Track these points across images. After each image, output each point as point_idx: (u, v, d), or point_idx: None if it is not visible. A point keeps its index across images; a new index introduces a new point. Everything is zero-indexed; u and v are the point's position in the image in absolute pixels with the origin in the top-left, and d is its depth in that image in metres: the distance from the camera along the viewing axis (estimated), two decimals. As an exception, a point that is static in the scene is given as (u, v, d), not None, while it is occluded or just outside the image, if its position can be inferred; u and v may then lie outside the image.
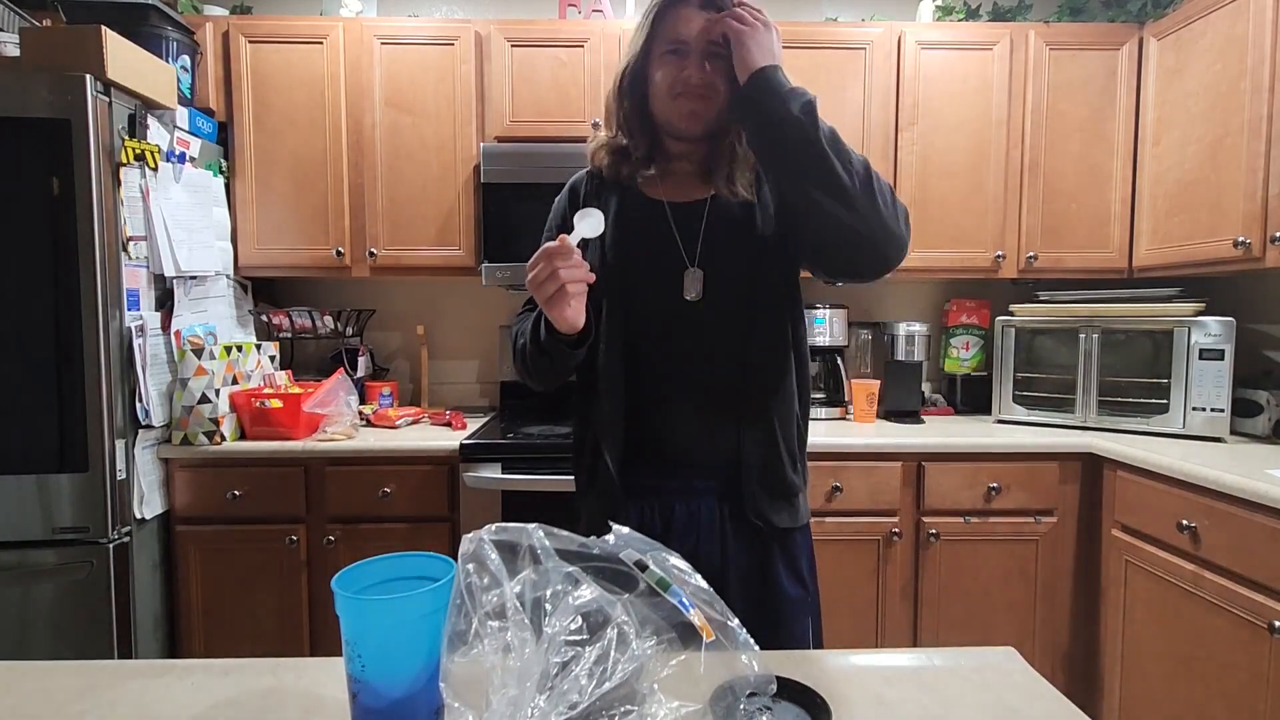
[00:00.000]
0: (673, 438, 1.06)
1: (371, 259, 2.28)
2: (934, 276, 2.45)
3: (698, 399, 1.06)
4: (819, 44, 2.27)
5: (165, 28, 2.03)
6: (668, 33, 1.02)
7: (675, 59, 1.02)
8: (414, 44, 2.25)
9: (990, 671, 0.77)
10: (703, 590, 0.64)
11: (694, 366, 1.06)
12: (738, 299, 1.06)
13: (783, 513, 1.06)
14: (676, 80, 1.02)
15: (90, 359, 1.72)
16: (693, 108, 1.02)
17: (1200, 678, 1.64)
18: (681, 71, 1.01)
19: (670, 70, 1.03)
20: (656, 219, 1.09)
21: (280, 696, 0.71)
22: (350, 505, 2.00)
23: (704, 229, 1.07)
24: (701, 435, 1.06)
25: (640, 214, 1.09)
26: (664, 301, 1.06)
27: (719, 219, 1.08)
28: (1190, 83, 2.08)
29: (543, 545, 0.59)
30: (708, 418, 1.06)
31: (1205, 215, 2.02)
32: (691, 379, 1.06)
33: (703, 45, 1.00)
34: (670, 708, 0.59)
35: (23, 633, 1.74)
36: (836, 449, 2.02)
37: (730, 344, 1.05)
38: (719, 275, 1.06)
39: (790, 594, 1.07)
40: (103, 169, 1.72)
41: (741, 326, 1.05)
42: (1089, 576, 2.05)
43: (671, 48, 1.02)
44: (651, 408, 1.06)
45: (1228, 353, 1.96)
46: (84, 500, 1.74)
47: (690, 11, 1.00)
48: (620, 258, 1.07)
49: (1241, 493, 1.53)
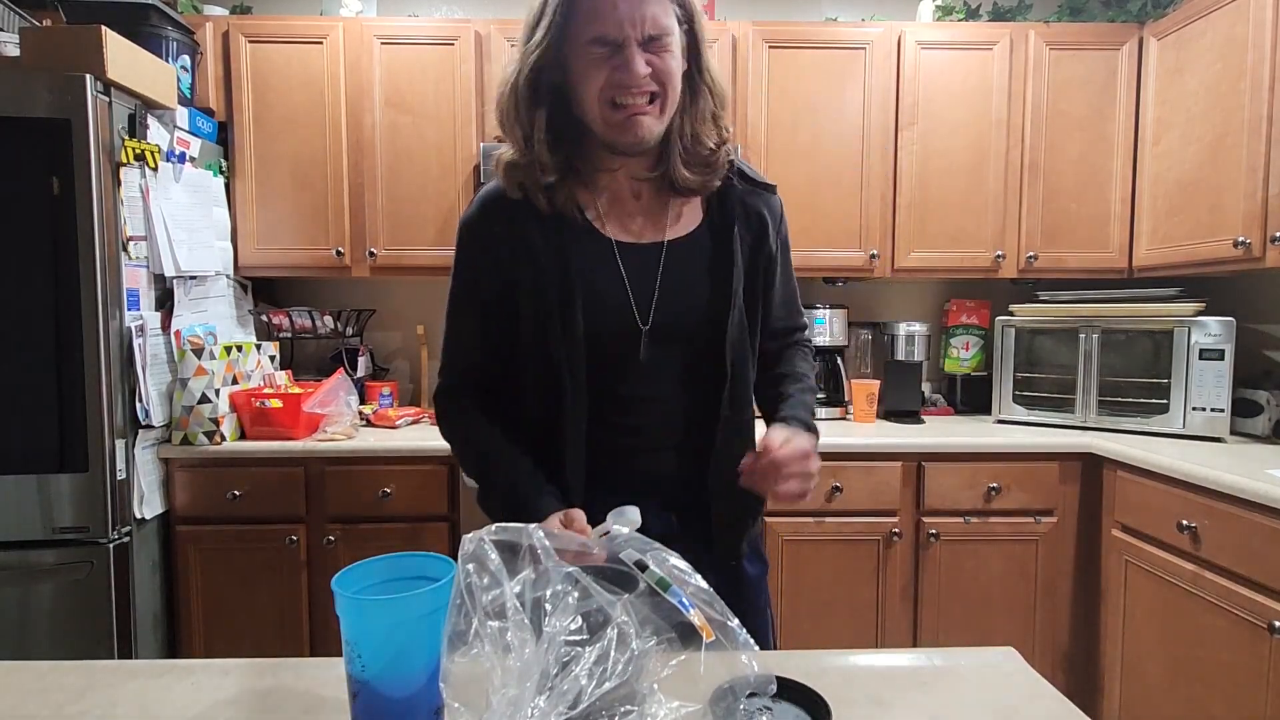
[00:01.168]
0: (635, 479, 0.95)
1: (371, 259, 2.28)
2: (934, 276, 2.45)
3: (661, 443, 0.96)
4: (819, 44, 2.27)
5: (165, 28, 2.03)
6: (585, 27, 0.83)
7: (604, 56, 0.83)
8: (414, 44, 2.25)
9: (990, 671, 0.77)
10: (703, 590, 0.64)
11: (644, 417, 0.96)
12: (697, 351, 0.95)
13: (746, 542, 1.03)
14: (610, 84, 0.84)
15: (90, 359, 1.72)
16: (639, 112, 0.85)
17: (1200, 678, 1.64)
18: (616, 72, 0.83)
19: (600, 72, 0.84)
20: (606, 263, 0.92)
21: (280, 696, 0.71)
22: (350, 505, 2.00)
23: (659, 280, 0.93)
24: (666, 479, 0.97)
25: (586, 252, 0.92)
26: (619, 356, 0.93)
27: (674, 267, 0.94)
28: (1190, 82, 2.08)
29: (543, 545, 0.59)
30: (674, 461, 0.97)
31: (1205, 215, 2.02)
32: (650, 425, 0.96)
33: (639, 35, 0.82)
34: (670, 708, 0.58)
35: (23, 633, 1.74)
36: (836, 449, 2.02)
37: (681, 402, 0.96)
38: (672, 334, 0.93)
39: (750, 573, 1.04)
40: (103, 169, 1.72)
41: (706, 379, 0.95)
42: (1089, 576, 2.05)
43: (596, 41, 0.83)
44: (612, 450, 0.95)
45: (1228, 353, 1.96)
46: (84, 500, 1.74)
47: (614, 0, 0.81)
48: (565, 306, 0.90)
49: (1241, 493, 1.53)
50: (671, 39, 0.85)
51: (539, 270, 0.90)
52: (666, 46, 0.85)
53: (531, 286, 0.91)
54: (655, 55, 0.84)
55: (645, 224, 0.96)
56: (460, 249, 0.97)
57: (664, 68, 0.85)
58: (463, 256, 0.97)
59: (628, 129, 0.86)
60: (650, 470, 0.97)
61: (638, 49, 0.83)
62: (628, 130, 0.86)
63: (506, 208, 0.93)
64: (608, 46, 0.83)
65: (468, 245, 0.96)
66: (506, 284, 0.93)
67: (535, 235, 0.91)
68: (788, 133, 2.28)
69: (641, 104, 0.85)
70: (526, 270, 0.91)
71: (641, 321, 0.92)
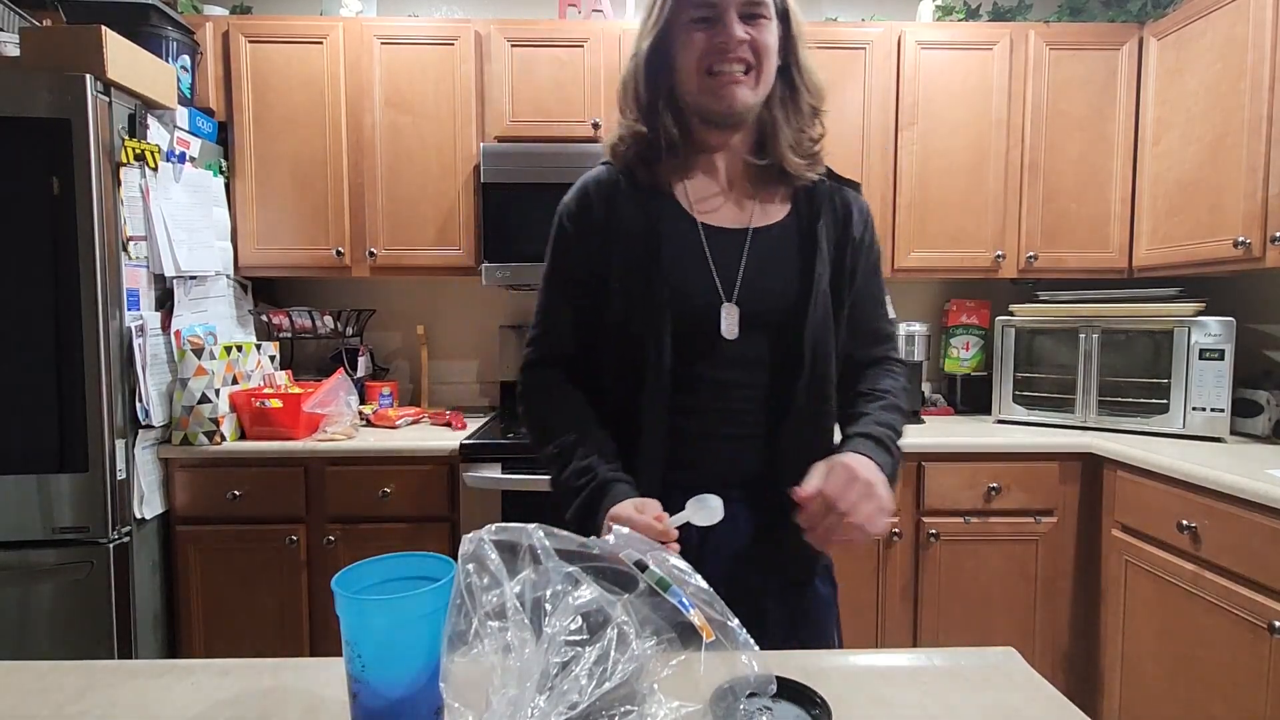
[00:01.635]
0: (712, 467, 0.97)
1: (371, 259, 2.28)
2: (934, 276, 2.45)
3: (726, 428, 0.97)
4: (819, 44, 2.27)
5: (165, 27, 2.03)
6: (690, 7, 0.90)
7: (705, 28, 0.90)
8: (414, 44, 2.25)
9: (990, 671, 0.77)
10: (703, 590, 0.64)
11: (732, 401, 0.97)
12: (778, 338, 0.97)
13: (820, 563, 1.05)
14: (709, 50, 0.90)
15: (90, 359, 1.72)
16: (734, 81, 0.90)
17: (1200, 678, 1.64)
18: (715, 39, 0.89)
19: (700, 41, 0.90)
20: (692, 243, 0.96)
21: (280, 696, 0.71)
22: (350, 505, 2.00)
23: (744, 264, 0.96)
24: (737, 463, 0.98)
25: (675, 232, 0.96)
26: (701, 335, 0.95)
27: (759, 253, 0.97)
28: (1190, 82, 2.08)
29: (543, 545, 0.59)
30: (737, 447, 0.98)
31: (1205, 215, 2.02)
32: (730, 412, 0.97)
33: (736, 4, 0.89)
34: (670, 708, 0.58)
35: (23, 633, 1.74)
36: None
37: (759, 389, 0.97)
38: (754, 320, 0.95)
39: (822, 593, 1.05)
40: (103, 169, 1.72)
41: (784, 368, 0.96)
42: (1089, 576, 2.05)
43: (699, 15, 0.90)
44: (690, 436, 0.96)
45: (1228, 353, 1.96)
46: (84, 500, 1.74)
47: None
48: (651, 280, 0.94)
49: (1241, 493, 1.53)
50: (768, 13, 0.91)
51: (629, 250, 0.95)
52: (763, 18, 0.90)
53: (622, 265, 0.95)
54: (752, 26, 0.90)
55: (734, 211, 0.99)
56: (558, 233, 1.02)
57: (760, 39, 0.90)
58: (559, 240, 1.02)
59: (722, 96, 0.91)
60: (727, 459, 0.98)
61: (736, 16, 0.89)
62: (722, 97, 0.91)
63: (603, 192, 0.99)
64: (708, 18, 0.89)
65: (565, 230, 1.01)
66: (599, 267, 0.97)
67: (628, 216, 0.96)
68: (788, 133, 2.28)
69: (737, 72, 0.90)
70: (619, 250, 0.95)
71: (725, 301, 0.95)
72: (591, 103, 2.26)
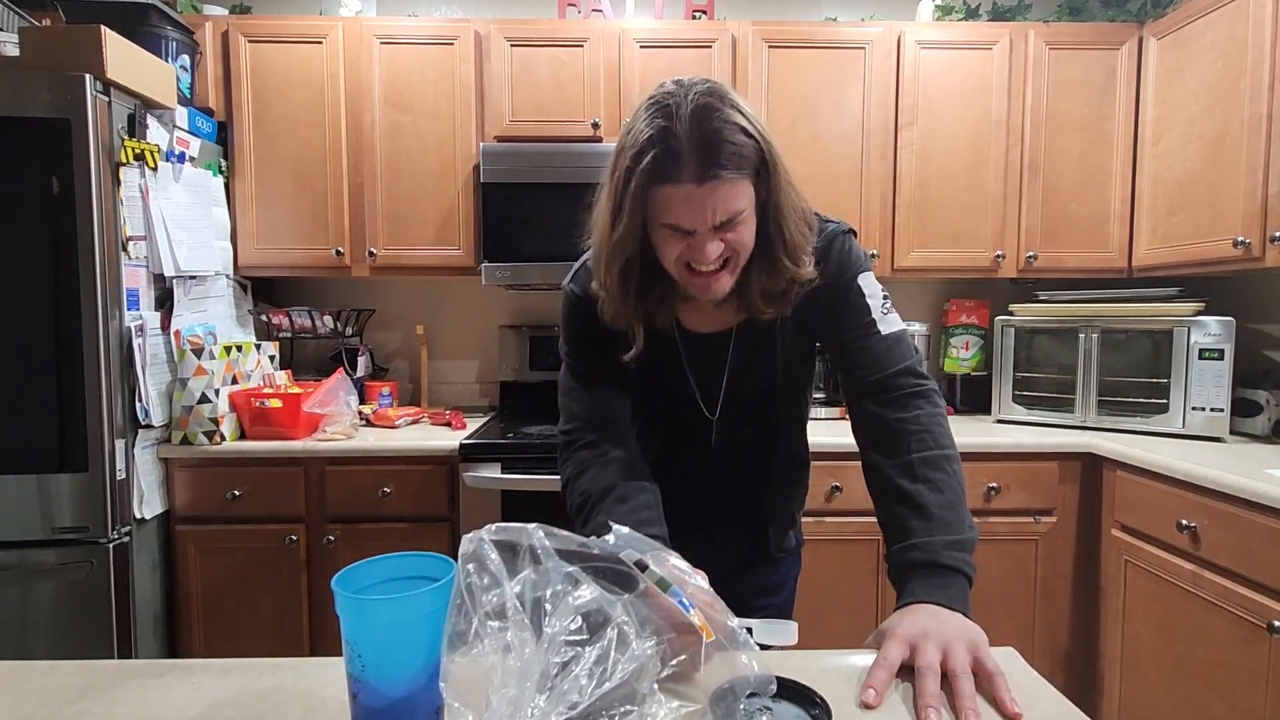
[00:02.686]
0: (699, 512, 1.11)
1: (371, 259, 2.28)
2: (933, 276, 2.45)
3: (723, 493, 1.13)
4: (819, 44, 2.27)
5: (165, 27, 2.02)
6: (662, 212, 0.85)
7: (681, 237, 0.87)
8: (413, 44, 2.25)
9: (990, 671, 0.77)
10: (703, 590, 0.64)
11: (716, 476, 1.12)
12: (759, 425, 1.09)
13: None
14: (683, 255, 0.88)
15: (90, 359, 1.72)
16: (714, 276, 0.89)
17: (1200, 678, 1.64)
18: (690, 250, 0.87)
19: (676, 247, 0.88)
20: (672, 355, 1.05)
21: (280, 696, 0.71)
22: (350, 505, 2.00)
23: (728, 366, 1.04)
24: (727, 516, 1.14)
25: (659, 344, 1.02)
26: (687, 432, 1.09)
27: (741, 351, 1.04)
28: (1190, 82, 2.08)
29: (543, 545, 0.59)
30: (733, 504, 1.13)
31: (1205, 215, 2.02)
32: (715, 483, 1.13)
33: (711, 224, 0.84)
34: (670, 708, 0.58)
35: (23, 633, 1.74)
36: (836, 449, 2.02)
37: (752, 460, 1.11)
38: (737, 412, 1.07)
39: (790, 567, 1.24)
40: (102, 169, 1.72)
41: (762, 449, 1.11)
42: (1089, 576, 2.05)
43: (671, 227, 0.86)
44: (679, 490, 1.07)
45: (1227, 352, 1.96)
46: (84, 500, 1.74)
47: (687, 192, 0.81)
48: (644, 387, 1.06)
49: (1241, 493, 1.53)
50: (744, 215, 0.86)
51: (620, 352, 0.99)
52: (738, 223, 0.86)
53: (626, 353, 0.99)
54: (727, 233, 0.86)
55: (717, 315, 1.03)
56: (566, 314, 1.06)
57: (736, 241, 0.87)
58: (569, 320, 1.06)
59: (703, 290, 0.91)
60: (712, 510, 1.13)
61: (711, 233, 0.85)
62: (704, 291, 0.91)
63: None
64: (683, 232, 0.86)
65: (572, 311, 1.05)
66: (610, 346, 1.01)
67: None
68: (787, 133, 2.28)
69: (715, 268, 0.88)
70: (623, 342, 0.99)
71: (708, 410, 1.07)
72: (591, 102, 2.26)
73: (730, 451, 1.09)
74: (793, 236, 0.91)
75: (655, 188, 0.83)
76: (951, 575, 0.83)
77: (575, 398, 1.04)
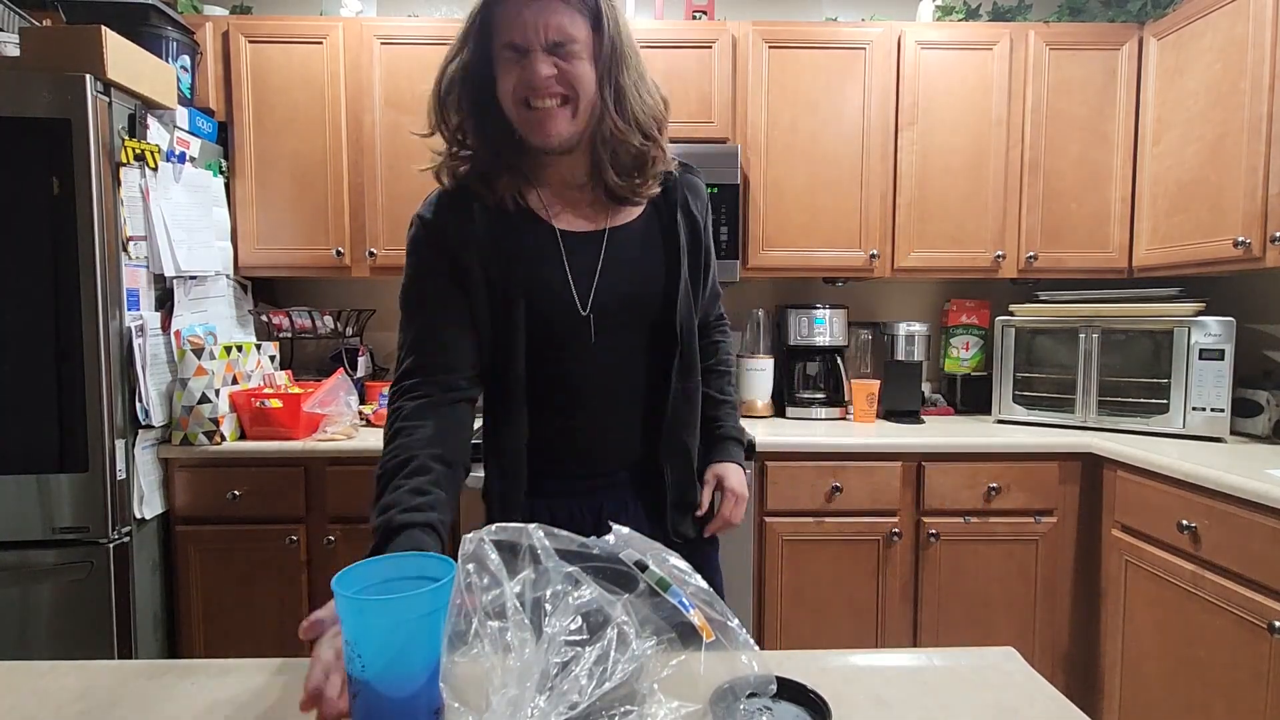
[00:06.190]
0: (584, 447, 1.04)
1: (371, 259, 2.28)
2: (934, 276, 2.45)
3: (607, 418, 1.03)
4: (819, 44, 2.27)
5: (165, 28, 2.02)
6: (499, 33, 0.89)
7: (517, 60, 0.89)
8: (414, 44, 2.25)
9: (990, 671, 0.77)
10: (703, 590, 0.64)
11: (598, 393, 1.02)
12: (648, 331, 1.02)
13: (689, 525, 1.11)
14: (520, 85, 0.89)
15: (90, 359, 1.72)
16: (549, 115, 0.90)
17: (1200, 678, 1.64)
18: (524, 74, 0.88)
19: (511, 74, 0.89)
20: (547, 249, 0.98)
21: (280, 696, 0.71)
22: (350, 505, 2.00)
23: (600, 266, 0.98)
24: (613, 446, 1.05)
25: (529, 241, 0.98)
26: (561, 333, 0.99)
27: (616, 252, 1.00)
28: (1190, 82, 2.08)
29: (543, 545, 0.59)
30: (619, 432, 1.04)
31: (1205, 215, 2.02)
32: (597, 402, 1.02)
33: (542, 42, 0.87)
34: (670, 708, 0.59)
35: (23, 633, 1.74)
36: (836, 449, 2.02)
37: (632, 376, 1.03)
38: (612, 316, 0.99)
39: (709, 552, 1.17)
40: (103, 169, 1.72)
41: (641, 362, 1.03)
42: (1089, 576, 2.05)
43: (510, 41, 0.89)
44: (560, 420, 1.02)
45: (1228, 353, 1.96)
46: (84, 500, 1.74)
47: (519, 6, 0.87)
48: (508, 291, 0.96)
49: (1241, 493, 1.53)
50: (578, 45, 0.89)
51: (484, 260, 0.96)
52: (574, 53, 0.89)
53: (480, 276, 0.96)
54: (562, 59, 0.89)
55: (591, 213, 1.01)
56: (412, 245, 1.01)
57: (571, 71, 0.89)
58: (415, 252, 1.01)
59: (537, 129, 0.91)
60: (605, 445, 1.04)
61: (543, 54, 0.88)
62: (538, 130, 0.91)
63: (456, 203, 0.99)
64: (517, 52, 0.89)
65: (420, 241, 1.00)
66: (457, 276, 0.97)
67: (481, 227, 0.97)
68: (787, 132, 2.28)
69: (552, 106, 0.90)
70: (474, 260, 0.96)
71: (582, 307, 0.98)
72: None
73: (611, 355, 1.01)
74: (636, 102, 0.94)
75: (495, 7, 0.89)
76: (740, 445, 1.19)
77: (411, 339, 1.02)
